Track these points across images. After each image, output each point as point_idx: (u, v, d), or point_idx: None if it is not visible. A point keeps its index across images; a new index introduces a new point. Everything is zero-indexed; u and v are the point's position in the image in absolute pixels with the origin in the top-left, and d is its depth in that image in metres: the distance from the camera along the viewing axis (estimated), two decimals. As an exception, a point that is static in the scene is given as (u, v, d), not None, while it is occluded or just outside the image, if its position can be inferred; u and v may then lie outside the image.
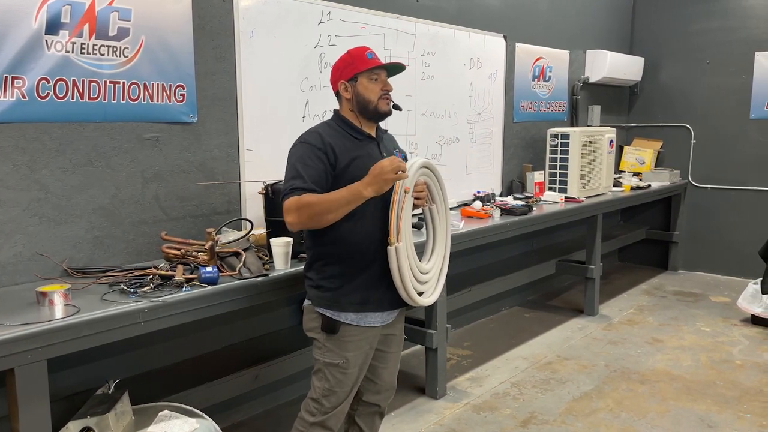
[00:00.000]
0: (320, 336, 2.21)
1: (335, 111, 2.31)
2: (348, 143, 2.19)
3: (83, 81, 2.44)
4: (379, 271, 2.17)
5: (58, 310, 1.99)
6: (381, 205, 2.14)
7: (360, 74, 2.20)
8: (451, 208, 4.20)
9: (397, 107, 2.31)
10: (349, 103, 2.25)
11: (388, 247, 2.11)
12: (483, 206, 4.04)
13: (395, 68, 2.30)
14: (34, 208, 2.38)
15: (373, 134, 2.29)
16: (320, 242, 2.19)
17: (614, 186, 5.24)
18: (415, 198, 2.19)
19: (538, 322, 4.76)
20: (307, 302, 2.28)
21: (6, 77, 2.25)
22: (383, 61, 2.25)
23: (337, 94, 2.29)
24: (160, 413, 2.32)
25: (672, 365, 3.90)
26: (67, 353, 1.92)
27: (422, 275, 2.26)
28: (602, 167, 4.92)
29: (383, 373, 2.38)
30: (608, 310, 5.02)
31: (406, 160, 2.23)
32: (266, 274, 2.45)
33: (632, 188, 5.33)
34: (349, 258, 2.16)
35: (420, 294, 2.25)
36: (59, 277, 2.39)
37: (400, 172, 2.01)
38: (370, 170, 2.01)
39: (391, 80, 2.27)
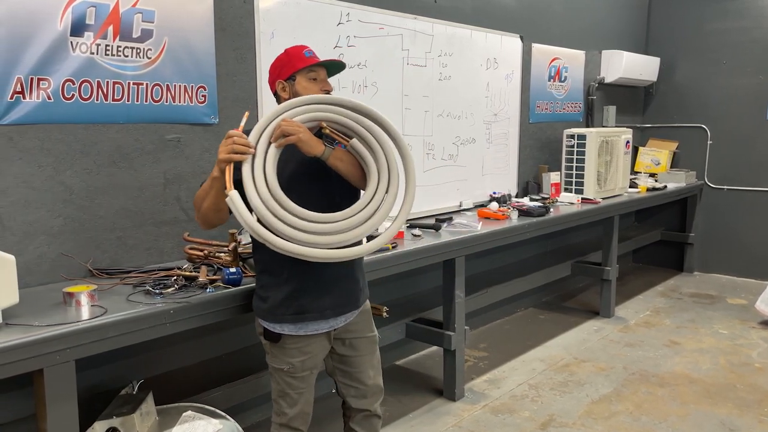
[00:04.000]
0: (265, 343, 2.17)
1: None
2: (285, 147, 1.96)
3: (107, 82, 2.45)
4: (313, 277, 2.06)
5: (85, 311, 2.00)
6: (316, 206, 1.96)
7: (298, 73, 2.11)
8: (467, 210, 4.23)
9: None
10: None
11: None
12: (500, 207, 4.03)
13: (335, 66, 2.20)
14: (59, 208, 2.39)
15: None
16: (256, 250, 2.12)
17: (630, 187, 5.21)
18: (277, 139, 1.90)
19: (554, 323, 4.74)
20: None
21: (32, 78, 2.26)
22: (323, 60, 2.15)
23: (276, 94, 2.18)
24: (183, 414, 2.33)
25: (691, 368, 3.87)
26: (95, 354, 1.93)
27: (303, 222, 1.87)
28: (619, 168, 4.89)
29: (362, 377, 2.28)
30: (624, 312, 4.99)
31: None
32: (288, 276, 2.44)
33: (648, 189, 5.30)
34: (281, 264, 2.03)
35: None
36: (84, 278, 2.40)
37: (236, 146, 1.84)
38: None
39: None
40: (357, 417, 2.35)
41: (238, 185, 1.86)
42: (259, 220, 1.88)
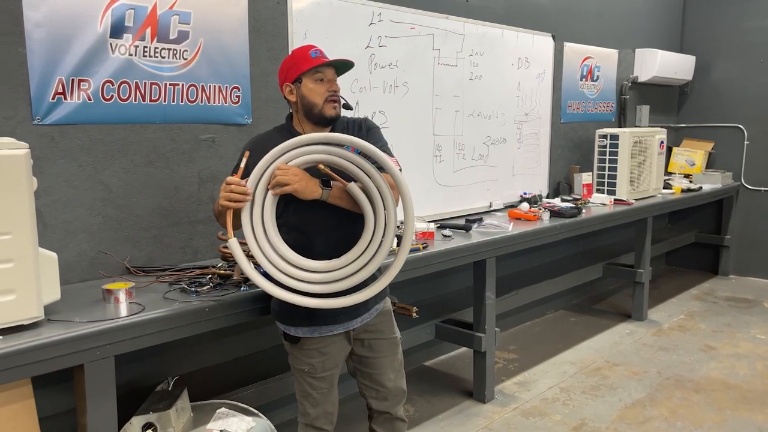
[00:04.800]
0: (286, 344, 2.19)
1: (288, 115, 2.20)
2: None
3: (145, 83, 2.50)
4: None
5: (124, 308, 2.04)
6: (313, 217, 2.01)
7: (304, 75, 2.07)
8: (498, 210, 4.20)
9: (347, 107, 2.17)
10: (294, 106, 2.12)
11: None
12: (530, 208, 3.99)
13: (344, 66, 2.14)
14: (98, 207, 2.44)
15: None
16: None
17: (664, 188, 5.11)
18: (273, 187, 1.91)
19: (585, 326, 4.68)
20: None
21: (73, 80, 2.31)
22: (330, 60, 2.10)
23: (285, 97, 2.15)
24: (217, 411, 2.36)
25: (727, 373, 3.79)
26: (133, 350, 1.96)
27: (297, 270, 1.92)
28: (652, 169, 4.81)
29: (382, 379, 2.24)
30: (657, 316, 4.90)
31: (371, 151, 1.94)
32: (319, 275, 2.45)
33: (683, 190, 5.20)
34: None
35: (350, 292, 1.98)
36: (121, 275, 2.44)
37: (233, 194, 1.88)
38: None
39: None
40: (379, 419, 2.33)
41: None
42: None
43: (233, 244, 1.94)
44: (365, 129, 2.18)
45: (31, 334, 1.78)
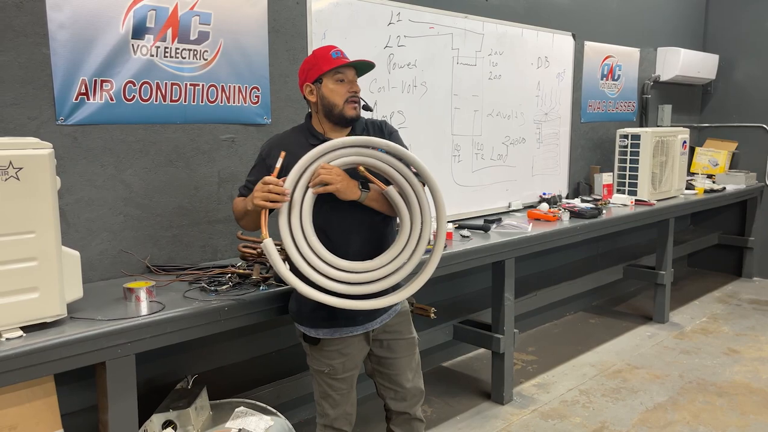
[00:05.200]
0: (305, 345, 2.19)
1: (307, 115, 2.20)
2: (301, 152, 1.97)
3: (166, 84, 2.52)
4: None
5: (144, 307, 2.06)
6: (335, 218, 2.02)
7: (324, 75, 2.07)
8: (517, 211, 4.17)
9: (367, 108, 2.17)
10: (314, 106, 2.12)
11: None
12: (550, 209, 3.95)
13: (364, 66, 2.15)
14: (120, 206, 2.47)
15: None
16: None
17: (686, 189, 5.04)
18: (315, 185, 1.93)
19: (605, 328, 4.63)
20: None
21: (95, 80, 2.34)
22: (351, 60, 2.10)
23: (305, 98, 2.14)
24: (236, 409, 2.37)
25: (751, 377, 3.72)
26: (153, 348, 1.98)
27: (336, 271, 1.94)
28: (674, 169, 4.74)
29: (400, 379, 2.24)
30: (679, 318, 4.83)
31: (393, 151, 1.99)
32: (337, 275, 2.45)
33: (706, 191, 5.12)
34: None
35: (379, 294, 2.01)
36: (142, 274, 2.47)
37: (271, 195, 1.88)
38: None
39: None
40: (397, 420, 2.33)
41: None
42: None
43: (269, 244, 1.92)
44: (386, 132, 2.18)
45: (55, 332, 1.80)
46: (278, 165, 1.98)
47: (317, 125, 2.14)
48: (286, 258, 2.00)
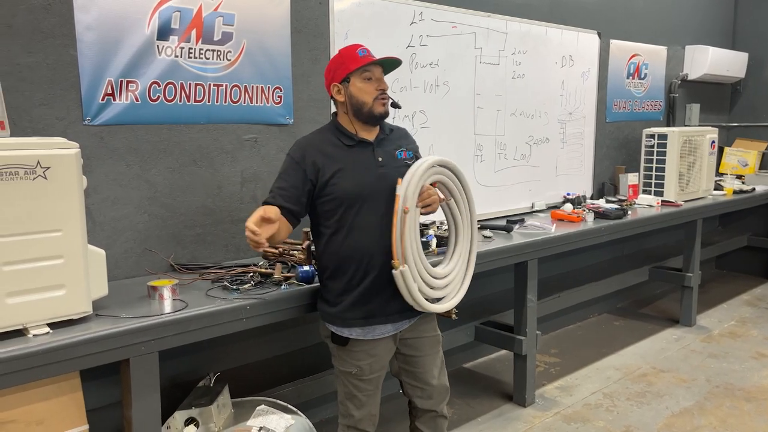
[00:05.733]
0: (332, 346, 2.18)
1: (333, 114, 2.22)
2: (336, 152, 2.08)
3: (190, 84, 2.54)
4: (380, 282, 2.08)
5: (168, 305, 2.08)
6: (373, 217, 2.06)
7: (352, 74, 2.08)
8: (540, 211, 4.13)
9: (395, 105, 2.20)
10: (343, 106, 2.13)
11: (393, 271, 2.02)
12: (574, 209, 3.91)
13: (391, 64, 2.16)
14: (144, 206, 2.50)
15: (371, 138, 2.15)
16: (320, 254, 2.16)
17: (715, 189, 4.94)
18: (424, 207, 2.09)
19: (630, 330, 4.56)
20: None
21: (121, 81, 2.37)
22: (378, 58, 2.12)
23: (333, 97, 2.16)
24: (257, 408, 2.39)
25: (781, 383, 3.63)
26: (176, 346, 2.00)
27: (437, 281, 2.17)
28: (702, 169, 4.65)
29: (427, 377, 2.27)
30: (707, 321, 4.74)
31: (417, 158, 2.19)
32: (359, 274, 2.46)
33: (735, 192, 5.01)
34: (345, 271, 2.09)
35: (437, 300, 2.19)
36: (165, 272, 2.49)
37: (252, 240, 1.85)
38: None
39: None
40: (424, 417, 2.34)
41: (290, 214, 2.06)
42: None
43: (406, 272, 2.02)
44: (412, 141, 2.31)
45: (80, 329, 1.83)
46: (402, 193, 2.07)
47: (348, 125, 2.14)
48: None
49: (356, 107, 2.09)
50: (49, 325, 1.82)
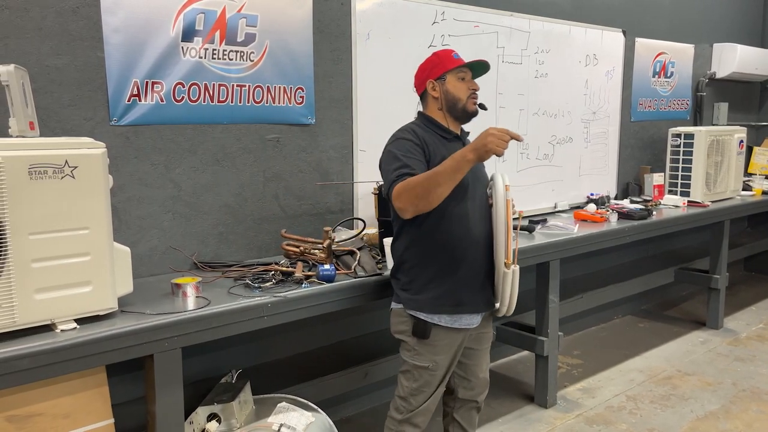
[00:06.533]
0: (410, 339, 2.20)
1: (420, 113, 2.31)
2: (438, 142, 2.20)
3: (213, 85, 2.58)
4: (471, 272, 2.18)
5: (191, 302, 2.11)
6: (467, 207, 2.17)
7: (448, 73, 2.22)
8: (563, 211, 4.09)
9: (482, 107, 2.31)
10: (437, 102, 2.25)
11: (505, 270, 2.13)
12: (597, 209, 3.87)
13: (481, 69, 2.30)
14: (169, 204, 2.54)
15: (459, 134, 2.30)
16: (411, 243, 2.18)
17: (743, 190, 4.84)
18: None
19: (654, 333, 4.49)
20: (395, 305, 2.26)
21: (147, 82, 2.41)
22: (473, 60, 2.28)
23: (423, 95, 2.30)
24: (278, 405, 2.41)
25: (811, 388, 3.55)
26: (199, 343, 2.03)
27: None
28: (730, 169, 4.57)
29: (476, 370, 2.37)
30: (734, 324, 4.65)
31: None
32: (380, 273, 2.48)
33: (764, 192, 4.91)
34: (441, 259, 2.15)
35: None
36: (189, 270, 2.53)
37: (502, 142, 1.94)
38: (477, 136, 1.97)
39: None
40: (463, 408, 2.42)
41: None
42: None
43: (517, 272, 2.18)
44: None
45: (106, 324, 1.87)
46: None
47: (442, 120, 2.25)
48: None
49: (451, 103, 2.23)
50: (76, 320, 1.86)
